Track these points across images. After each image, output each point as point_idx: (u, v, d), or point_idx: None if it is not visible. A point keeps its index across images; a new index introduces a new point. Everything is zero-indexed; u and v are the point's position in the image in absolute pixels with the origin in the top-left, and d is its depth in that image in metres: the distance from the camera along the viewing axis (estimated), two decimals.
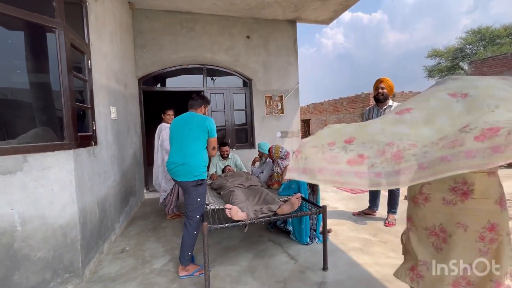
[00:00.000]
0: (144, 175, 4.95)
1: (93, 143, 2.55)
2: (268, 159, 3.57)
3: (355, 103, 13.14)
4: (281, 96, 5.53)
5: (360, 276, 2.10)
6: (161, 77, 5.20)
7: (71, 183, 2.06)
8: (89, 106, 2.55)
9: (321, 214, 2.20)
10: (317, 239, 2.73)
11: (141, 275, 2.24)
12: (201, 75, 5.23)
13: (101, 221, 2.62)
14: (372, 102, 12.47)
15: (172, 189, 3.55)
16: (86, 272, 2.20)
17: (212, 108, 5.32)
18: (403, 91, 12.92)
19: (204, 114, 2.36)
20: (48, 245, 1.94)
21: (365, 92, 12.44)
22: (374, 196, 3.36)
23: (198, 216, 2.16)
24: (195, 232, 2.15)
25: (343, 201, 4.21)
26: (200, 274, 2.15)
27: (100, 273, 2.29)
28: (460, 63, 23.18)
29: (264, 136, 5.41)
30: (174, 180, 2.22)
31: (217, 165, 4.16)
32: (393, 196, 3.10)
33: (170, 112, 3.58)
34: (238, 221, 2.02)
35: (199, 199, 2.14)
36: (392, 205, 3.10)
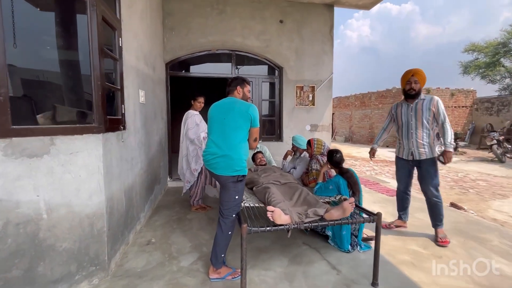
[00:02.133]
0: (168, 162, 4.83)
1: (122, 127, 2.37)
2: (303, 154, 3.27)
3: (385, 98, 12.35)
4: (313, 87, 5.15)
5: None
6: (188, 63, 4.99)
7: (99, 170, 1.89)
8: (119, 87, 2.36)
9: (375, 223, 1.88)
10: (358, 246, 2.44)
11: (168, 273, 2.07)
12: (230, 63, 4.96)
13: (128, 211, 2.47)
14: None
15: (197, 180, 3.36)
16: (112, 265, 2.06)
17: None
18: (439, 87, 11.96)
19: (244, 95, 2.08)
20: (74, 235, 1.80)
21: (397, 87, 11.62)
22: (403, 203, 2.87)
23: (234, 215, 1.93)
24: (229, 233, 1.93)
25: (379, 203, 3.85)
26: (233, 278, 1.94)
27: (126, 266, 2.14)
28: (502, 59, 21.16)
29: (293, 128, 5.10)
30: (210, 173, 1.99)
31: None
32: (435, 206, 2.60)
33: (201, 99, 3.36)
34: (280, 224, 1.76)
35: (237, 197, 1.90)
36: (436, 217, 2.62)
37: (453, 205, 3.89)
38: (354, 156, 10.19)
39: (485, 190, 5.02)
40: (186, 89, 8.45)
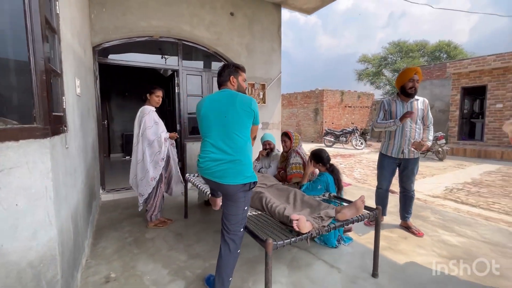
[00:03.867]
0: (100, 170, 3.90)
1: (64, 128, 1.70)
2: (275, 151, 3.17)
3: (309, 98, 13.67)
4: (264, 85, 5.13)
5: (416, 280, 1.96)
6: (123, 49, 4.13)
7: (46, 192, 1.27)
8: (59, 71, 1.67)
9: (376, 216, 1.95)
10: (342, 240, 2.52)
11: None
12: (176, 53, 4.38)
13: (74, 243, 1.80)
14: (324, 99, 13.14)
15: (155, 190, 2.80)
16: None
17: (188, 92, 4.55)
18: (349, 90, 14.08)
19: (240, 86, 1.76)
20: None
21: (319, 89, 13.04)
22: (385, 201, 2.98)
23: (242, 230, 1.64)
24: (238, 251, 1.64)
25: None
26: None
27: None
28: (384, 70, 26.81)
29: None
30: (211, 183, 1.63)
31: None
32: (411, 200, 2.81)
33: (160, 93, 2.78)
34: (299, 233, 1.59)
35: (246, 208, 1.62)
36: (408, 209, 2.83)
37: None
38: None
39: None
40: (118, 81, 7.16)
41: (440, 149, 7.78)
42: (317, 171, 2.61)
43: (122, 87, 7.88)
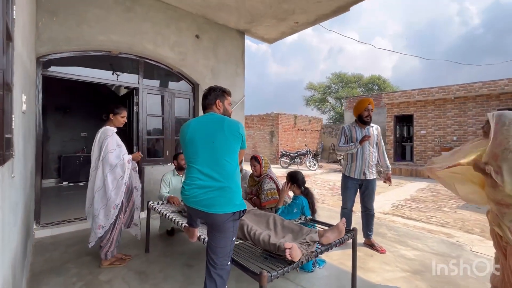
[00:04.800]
0: (34, 200, 3.26)
1: (12, 153, 1.39)
2: (243, 171, 3.13)
3: (265, 121, 14.16)
4: None
5: None
6: (72, 62, 3.70)
7: None
8: (11, 85, 1.40)
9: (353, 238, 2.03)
10: (317, 264, 2.54)
11: None
12: (136, 70, 4.13)
13: None
14: (280, 122, 13.77)
15: (113, 224, 2.45)
16: None
17: (148, 112, 4.27)
18: (301, 114, 15.10)
19: (226, 110, 1.72)
20: None
21: (275, 112, 13.67)
22: (350, 221, 3.07)
23: (229, 263, 1.52)
24: (226, 287, 1.50)
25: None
26: None
27: None
28: (328, 97, 29.78)
29: None
30: (197, 213, 1.49)
31: (171, 182, 3.28)
32: (372, 218, 3.06)
33: (124, 113, 2.52)
34: (290, 262, 1.55)
35: (234, 238, 1.52)
36: (370, 227, 3.05)
37: None
38: None
39: None
40: (51, 94, 6.24)
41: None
42: (291, 194, 2.64)
43: (62, 102, 6.99)
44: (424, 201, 5.74)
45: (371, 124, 3.05)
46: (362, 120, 2.98)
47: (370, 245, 3.04)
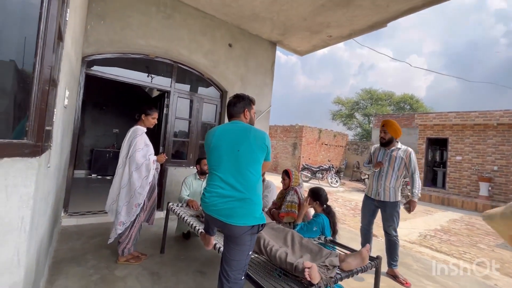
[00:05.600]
0: (65, 190, 3.45)
1: (50, 145, 1.47)
2: (266, 182, 3.08)
3: (289, 132, 14.05)
4: None
5: None
6: (112, 63, 3.95)
7: (22, 224, 1.04)
8: (57, 81, 1.50)
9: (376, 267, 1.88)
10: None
11: None
12: (170, 74, 4.30)
13: (34, 285, 1.47)
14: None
15: (133, 221, 2.50)
16: None
17: (177, 115, 4.40)
18: (326, 129, 14.78)
19: (251, 120, 1.71)
20: None
21: (299, 124, 13.53)
22: (366, 238, 3.04)
23: (243, 278, 1.46)
24: None
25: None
26: None
27: None
28: (356, 113, 28.94)
29: None
30: (215, 221, 1.46)
31: (191, 185, 3.30)
32: (394, 245, 2.84)
33: (156, 115, 2.61)
34: (309, 283, 1.46)
35: (250, 252, 1.46)
36: (393, 256, 2.83)
37: None
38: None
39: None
40: (90, 91, 6.72)
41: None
42: (311, 211, 2.53)
43: (100, 100, 7.47)
44: (456, 234, 5.25)
45: (399, 146, 2.91)
46: (380, 141, 2.97)
47: (393, 275, 2.81)
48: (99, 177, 7.07)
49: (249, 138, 1.50)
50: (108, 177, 7.04)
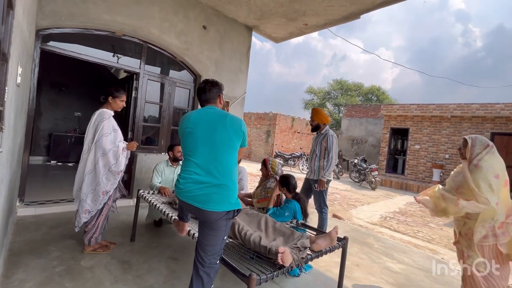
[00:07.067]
0: (20, 177, 3.16)
1: (2, 127, 1.32)
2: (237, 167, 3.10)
3: (263, 119, 14.12)
4: (228, 102, 5.08)
5: None
6: (72, 39, 3.58)
7: None
8: (8, 55, 1.33)
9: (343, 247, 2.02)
10: (303, 268, 2.52)
11: None
12: (139, 55, 4.03)
13: None
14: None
15: (101, 210, 2.38)
16: None
17: (147, 98, 4.18)
18: (299, 117, 15.11)
19: (223, 105, 1.72)
20: None
21: (273, 112, 13.63)
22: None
23: (218, 262, 1.48)
24: (212, 286, 1.46)
25: None
26: None
27: None
28: (327, 103, 29.89)
29: None
30: (190, 207, 1.44)
31: (163, 172, 3.21)
32: (321, 218, 3.20)
33: (124, 97, 2.44)
34: (281, 266, 1.52)
35: (225, 237, 1.48)
36: (322, 227, 3.16)
37: (335, 216, 4.88)
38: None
39: (342, 202, 6.69)
40: (47, 70, 6.06)
41: (373, 179, 8.83)
42: (283, 197, 2.61)
43: (58, 79, 6.81)
44: (412, 215, 5.81)
45: (324, 131, 3.22)
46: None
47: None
48: (59, 163, 6.56)
49: (225, 124, 1.48)
50: (70, 164, 6.56)
